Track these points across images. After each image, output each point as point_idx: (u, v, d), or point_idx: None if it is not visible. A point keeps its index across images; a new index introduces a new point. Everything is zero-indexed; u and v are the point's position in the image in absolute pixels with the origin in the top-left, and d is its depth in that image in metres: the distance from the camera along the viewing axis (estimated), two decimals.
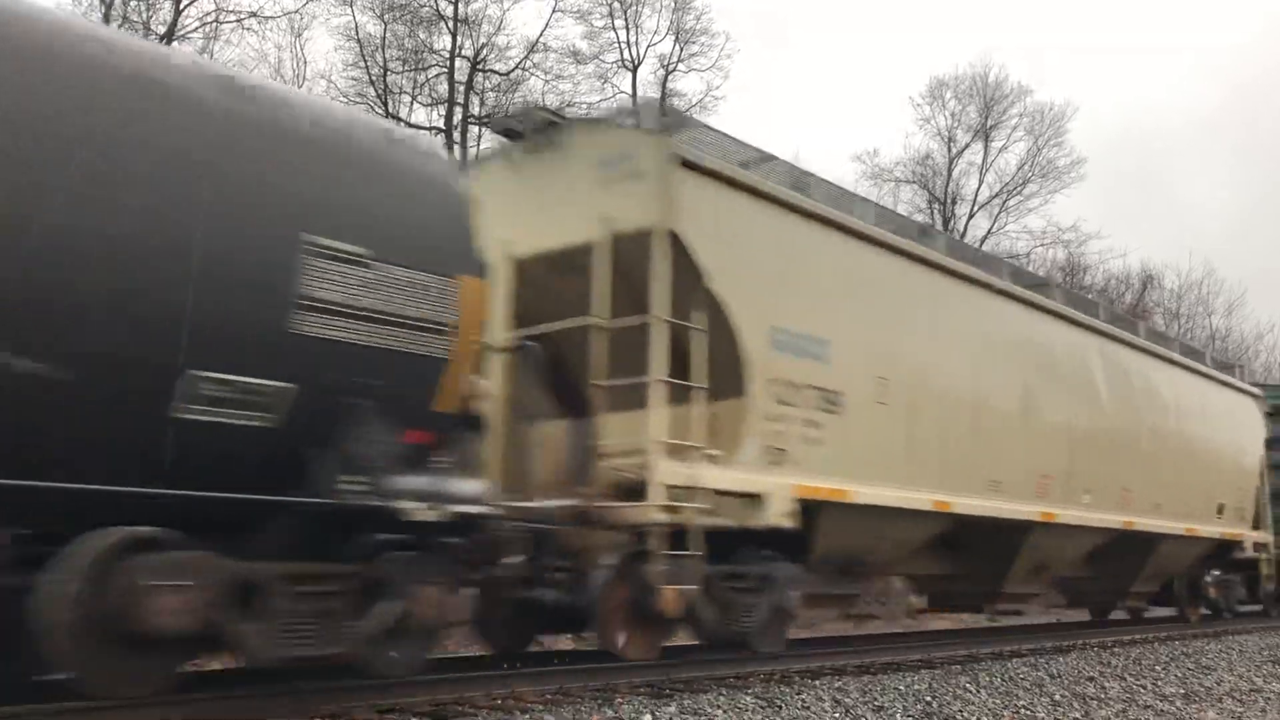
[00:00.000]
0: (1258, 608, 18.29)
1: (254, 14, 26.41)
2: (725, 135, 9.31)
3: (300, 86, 26.80)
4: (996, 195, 36.16)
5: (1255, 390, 18.57)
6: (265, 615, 5.42)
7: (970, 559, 11.28)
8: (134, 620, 4.97)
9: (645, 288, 8.02)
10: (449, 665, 8.03)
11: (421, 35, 28.56)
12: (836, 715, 6.58)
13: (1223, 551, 16.38)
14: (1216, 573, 16.75)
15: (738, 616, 8.50)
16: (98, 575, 4.91)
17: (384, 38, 28.17)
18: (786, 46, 59.66)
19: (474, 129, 28.21)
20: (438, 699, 6.34)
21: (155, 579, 5.00)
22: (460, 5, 28.08)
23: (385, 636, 5.96)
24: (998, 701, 7.48)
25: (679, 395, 8.03)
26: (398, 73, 28.62)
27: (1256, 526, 17.51)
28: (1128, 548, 13.72)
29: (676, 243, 8.06)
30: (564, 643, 9.89)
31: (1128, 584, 14.77)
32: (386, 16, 28.07)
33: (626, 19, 28.74)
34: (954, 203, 36.21)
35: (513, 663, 8.10)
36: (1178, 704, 7.83)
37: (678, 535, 7.85)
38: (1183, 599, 16.52)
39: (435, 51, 28.62)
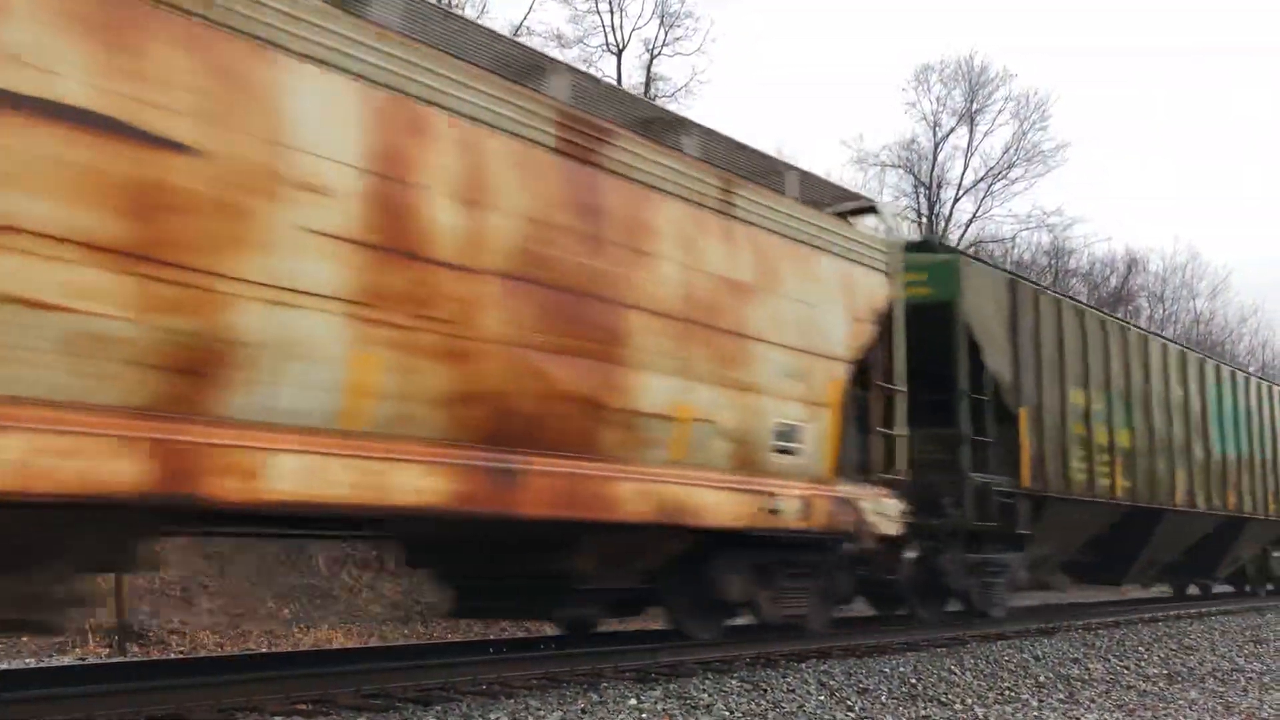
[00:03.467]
0: None
1: None
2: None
3: None
4: (982, 179, 36.19)
5: None
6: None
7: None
8: None
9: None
10: (435, 651, 8.04)
11: None
12: (822, 698, 6.60)
13: None
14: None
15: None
16: None
17: None
18: (772, 30, 59.53)
19: None
20: (423, 685, 6.34)
21: None
22: None
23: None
24: (982, 683, 7.52)
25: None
26: None
27: None
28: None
29: None
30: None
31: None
32: None
33: (610, 2, 28.57)
34: (939, 187, 36.23)
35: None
36: (1161, 684, 7.88)
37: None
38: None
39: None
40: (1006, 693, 7.20)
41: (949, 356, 11.29)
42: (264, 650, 10.69)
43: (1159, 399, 15.06)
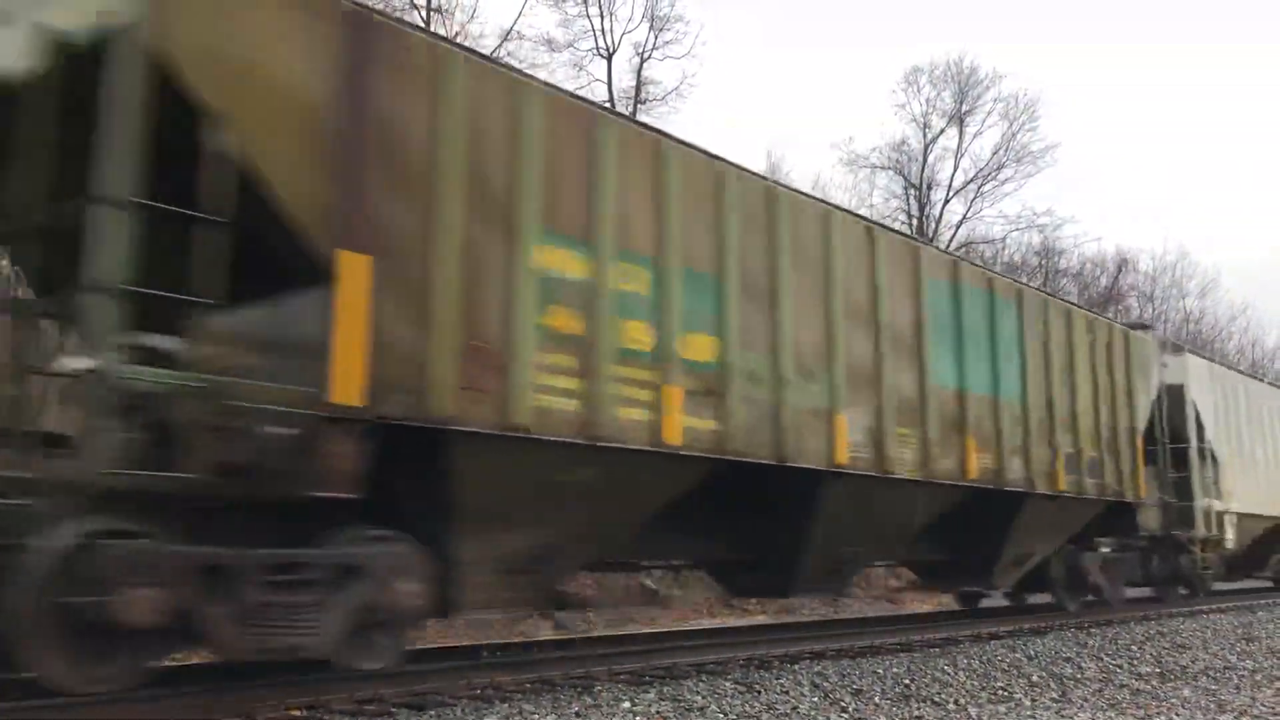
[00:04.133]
0: None
1: None
2: None
3: None
4: (971, 180, 36.26)
5: None
6: None
7: None
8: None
9: None
10: (428, 655, 8.03)
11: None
12: (815, 699, 6.61)
13: None
14: None
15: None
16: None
17: None
18: (761, 33, 59.65)
19: None
20: (416, 690, 6.33)
21: None
22: None
23: None
24: (975, 683, 7.53)
25: None
26: None
27: None
28: None
29: None
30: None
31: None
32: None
33: (600, 6, 28.57)
34: (929, 188, 36.29)
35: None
36: (1153, 683, 7.90)
37: None
38: None
39: None
40: (1000, 692, 7.21)
41: None
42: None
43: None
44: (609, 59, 28.75)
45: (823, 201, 9.98)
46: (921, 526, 10.59)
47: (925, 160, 36.16)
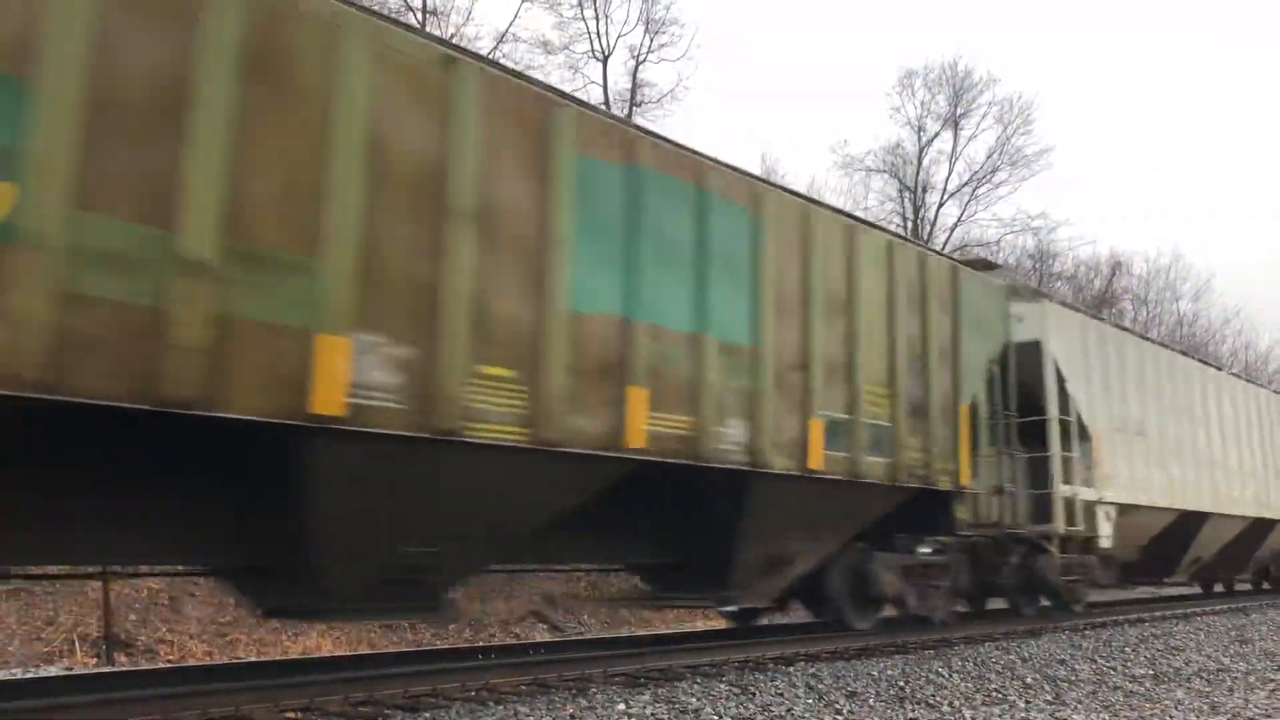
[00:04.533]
0: None
1: None
2: None
3: None
4: (966, 183, 36.28)
5: None
6: None
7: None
8: None
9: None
10: (423, 657, 8.03)
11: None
12: (810, 701, 6.62)
13: None
14: None
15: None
16: None
17: None
18: (758, 35, 59.64)
19: None
20: (411, 690, 6.33)
21: None
22: None
23: None
24: (970, 685, 7.55)
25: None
26: None
27: None
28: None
29: None
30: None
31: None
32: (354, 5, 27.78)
33: (596, 9, 28.53)
34: (924, 191, 36.30)
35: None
36: (1147, 685, 7.92)
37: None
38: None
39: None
40: (994, 694, 7.22)
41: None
42: (253, 658, 10.65)
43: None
44: (604, 61, 28.75)
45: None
46: (556, 515, 7.20)
47: (920, 163, 36.20)
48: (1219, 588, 21.68)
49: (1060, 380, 13.22)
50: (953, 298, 10.85)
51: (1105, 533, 13.76)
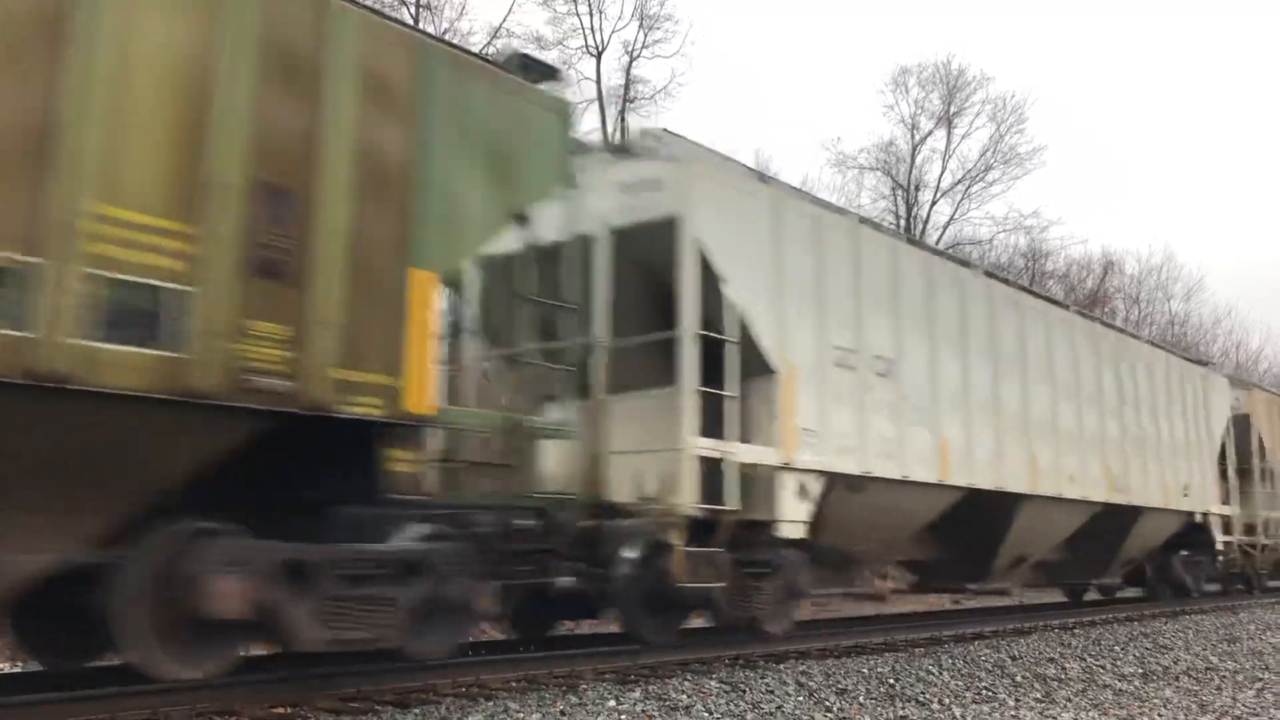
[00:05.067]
0: None
1: None
2: None
3: None
4: (959, 182, 36.31)
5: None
6: None
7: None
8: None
9: None
10: None
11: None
12: (800, 699, 6.62)
13: None
14: None
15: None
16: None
17: None
18: (752, 33, 59.64)
19: None
20: (401, 687, 6.32)
21: None
22: None
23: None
24: (960, 683, 7.56)
25: None
26: None
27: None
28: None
29: None
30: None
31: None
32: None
33: (590, 4, 28.54)
34: (917, 189, 36.34)
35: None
36: (1136, 683, 7.94)
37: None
38: None
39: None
40: (984, 692, 7.24)
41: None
42: (241, 653, 10.60)
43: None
44: (598, 57, 28.74)
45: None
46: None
47: (913, 161, 36.25)
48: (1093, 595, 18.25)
49: (711, 281, 8.61)
50: (415, 90, 6.40)
51: (793, 515, 9.13)
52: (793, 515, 9.12)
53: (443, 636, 6.39)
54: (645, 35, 29.24)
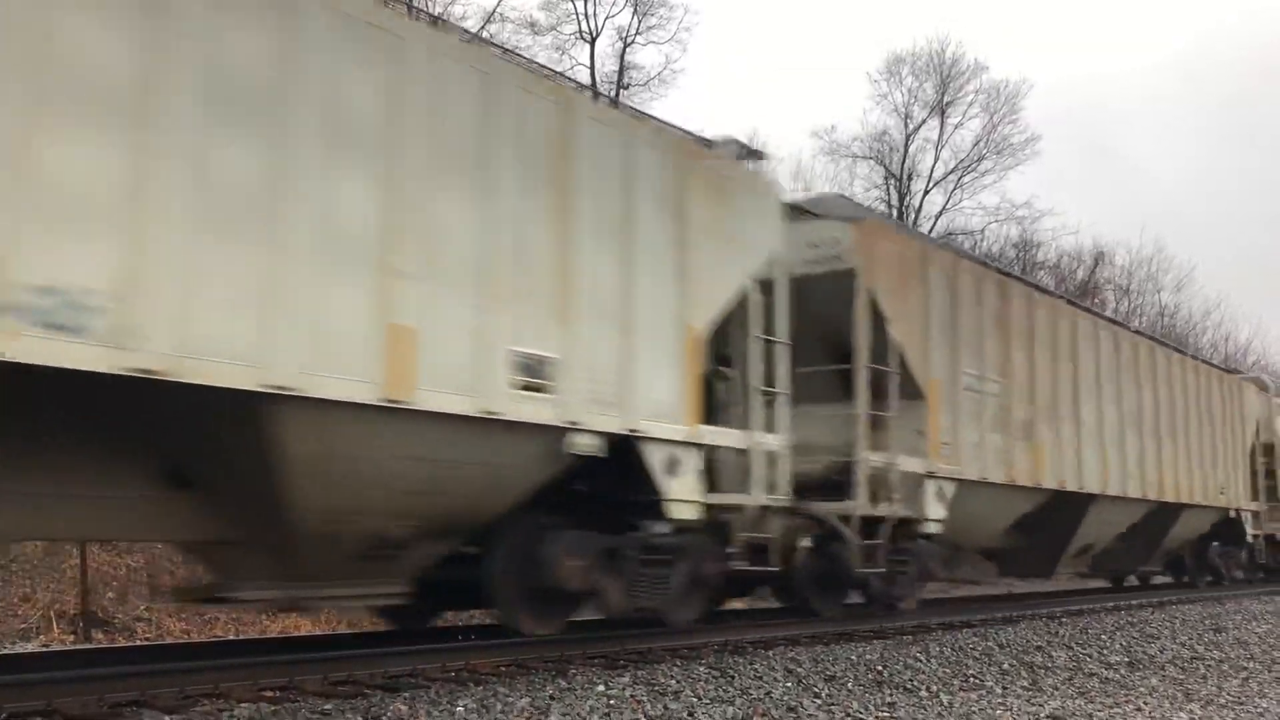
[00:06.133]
0: None
1: None
2: None
3: None
4: (952, 171, 36.32)
5: None
6: None
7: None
8: None
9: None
10: (403, 638, 8.02)
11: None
12: (789, 685, 6.65)
13: None
14: None
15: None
16: None
17: None
18: (746, 20, 59.50)
19: None
20: (391, 672, 6.33)
21: None
22: None
23: None
24: (948, 670, 7.59)
25: None
26: None
27: None
28: None
29: None
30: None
31: None
32: None
33: None
34: (910, 179, 36.35)
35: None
36: (1122, 672, 7.99)
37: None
38: None
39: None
40: (971, 680, 7.27)
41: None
42: (231, 637, 10.63)
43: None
44: (592, 43, 28.67)
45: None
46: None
47: (906, 150, 36.24)
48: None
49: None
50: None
51: (935, 514, 10.95)
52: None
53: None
54: (639, 21, 29.18)
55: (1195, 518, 17.34)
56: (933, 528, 10.95)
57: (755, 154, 9.84)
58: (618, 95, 27.43)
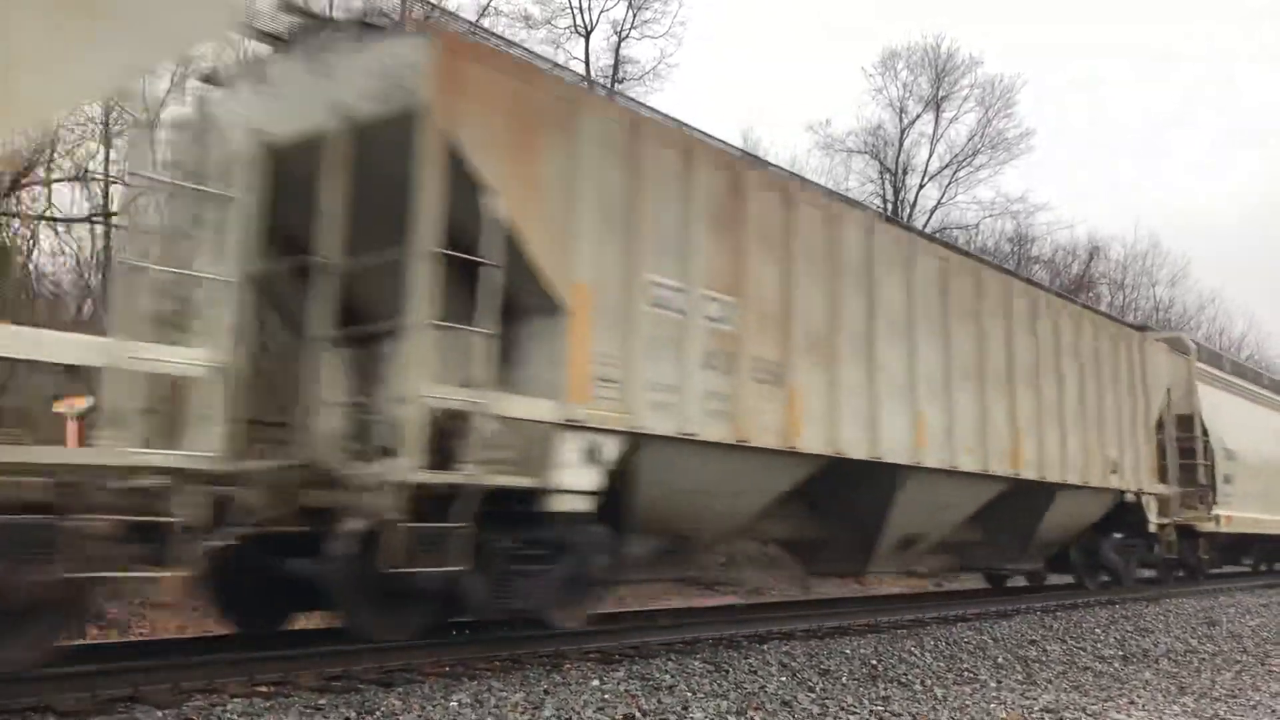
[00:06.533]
0: None
1: None
2: None
3: None
4: (947, 166, 36.32)
5: None
6: None
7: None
8: None
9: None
10: None
11: None
12: (784, 679, 6.65)
13: None
14: None
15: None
16: None
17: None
18: (741, 14, 59.44)
19: None
20: (386, 666, 6.32)
21: None
22: None
23: None
24: (942, 664, 7.60)
25: None
26: None
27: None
28: None
29: None
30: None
31: None
32: None
33: None
34: (905, 173, 36.33)
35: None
36: (1116, 665, 8.00)
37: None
38: None
39: (385, 14, 28.05)
40: (965, 673, 7.28)
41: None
42: (225, 632, 10.60)
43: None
44: (586, 37, 28.58)
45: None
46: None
47: (901, 145, 36.23)
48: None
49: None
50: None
51: (578, 483, 7.21)
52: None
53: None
54: (634, 15, 29.11)
55: (1077, 502, 13.40)
56: (574, 503, 7.19)
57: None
58: (612, 89, 27.39)
